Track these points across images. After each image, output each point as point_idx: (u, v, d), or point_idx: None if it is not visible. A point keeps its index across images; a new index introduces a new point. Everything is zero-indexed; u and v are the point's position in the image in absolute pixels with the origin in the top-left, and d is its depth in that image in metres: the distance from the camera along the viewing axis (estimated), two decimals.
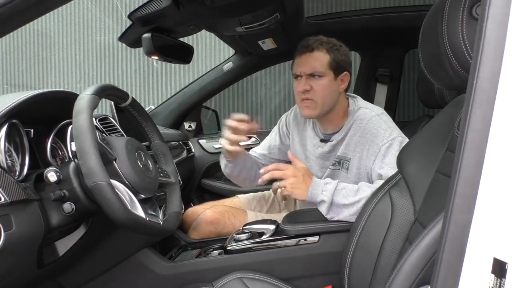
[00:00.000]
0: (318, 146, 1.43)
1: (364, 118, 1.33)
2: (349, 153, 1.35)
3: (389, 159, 1.23)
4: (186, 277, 1.26)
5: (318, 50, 1.32)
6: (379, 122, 1.30)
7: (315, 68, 1.31)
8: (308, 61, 1.32)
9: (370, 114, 1.33)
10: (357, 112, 1.36)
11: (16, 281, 0.89)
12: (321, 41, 1.34)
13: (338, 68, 1.34)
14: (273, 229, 1.26)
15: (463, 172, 0.49)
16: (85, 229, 1.06)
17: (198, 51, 3.00)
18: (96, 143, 0.85)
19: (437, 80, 0.78)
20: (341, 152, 1.37)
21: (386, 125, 1.30)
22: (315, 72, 1.31)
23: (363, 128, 1.32)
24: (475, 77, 0.48)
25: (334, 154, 1.39)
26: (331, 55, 1.33)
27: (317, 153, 1.42)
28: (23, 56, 3.38)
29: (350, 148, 1.34)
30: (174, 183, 1.16)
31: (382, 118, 1.32)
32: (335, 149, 1.38)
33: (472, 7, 0.61)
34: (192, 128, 2.38)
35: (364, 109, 1.36)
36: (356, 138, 1.33)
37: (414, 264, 0.67)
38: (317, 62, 1.31)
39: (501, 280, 0.46)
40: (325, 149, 1.40)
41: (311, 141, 1.46)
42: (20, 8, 0.77)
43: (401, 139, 1.27)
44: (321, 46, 1.32)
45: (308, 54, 1.32)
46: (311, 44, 1.33)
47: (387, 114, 1.37)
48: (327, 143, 1.40)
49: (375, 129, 1.29)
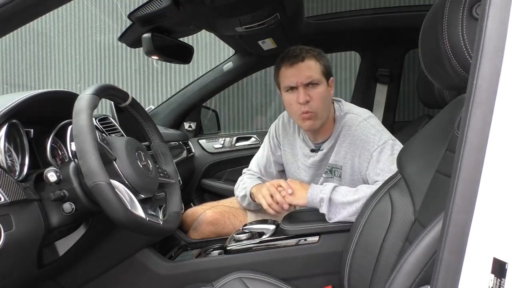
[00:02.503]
0: (309, 156, 1.41)
1: (352, 124, 1.31)
2: (340, 160, 1.34)
3: (383, 165, 1.23)
4: (186, 277, 1.26)
5: (309, 59, 1.28)
6: (367, 127, 1.29)
7: (311, 77, 1.28)
8: (302, 70, 1.27)
9: (358, 120, 1.32)
10: (344, 118, 1.34)
11: (16, 281, 0.89)
12: (306, 50, 1.30)
13: (328, 74, 1.33)
14: (273, 229, 1.26)
15: (463, 172, 0.49)
16: (85, 229, 1.06)
17: (198, 51, 3.00)
18: (96, 143, 0.85)
19: (437, 80, 0.78)
20: (332, 160, 1.36)
21: (374, 130, 1.29)
22: (313, 81, 1.28)
23: (352, 135, 1.31)
24: (475, 77, 0.48)
25: (326, 162, 1.38)
26: (321, 62, 1.31)
27: (309, 163, 1.41)
28: (23, 56, 3.38)
29: (341, 156, 1.33)
30: (174, 183, 1.16)
31: (369, 122, 1.31)
32: (326, 157, 1.37)
33: (472, 7, 0.61)
34: (192, 128, 2.38)
35: (351, 114, 1.35)
36: (345, 146, 1.32)
37: (414, 264, 0.67)
38: (311, 70, 1.28)
39: (501, 280, 0.46)
40: (316, 158, 1.39)
41: (301, 151, 1.45)
42: (20, 8, 0.77)
43: (392, 142, 1.26)
44: (309, 54, 1.29)
45: (300, 64, 1.28)
46: (299, 53, 1.28)
47: (375, 117, 1.36)
48: (318, 152, 1.39)
49: (364, 134, 1.28)
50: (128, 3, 3.14)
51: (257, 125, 3.11)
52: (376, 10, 2.32)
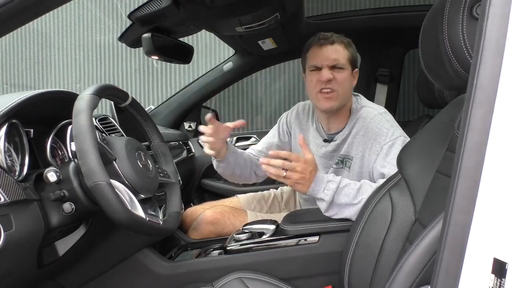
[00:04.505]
0: (322, 146, 1.42)
1: (367, 117, 1.33)
2: (352, 151, 1.35)
3: (391, 158, 1.23)
4: (186, 277, 1.26)
5: (338, 44, 1.32)
6: (381, 121, 1.30)
7: (337, 60, 1.31)
8: (329, 52, 1.31)
9: (373, 113, 1.33)
10: (360, 110, 1.36)
11: (16, 281, 0.89)
12: (337, 36, 1.34)
13: (354, 63, 1.36)
14: (273, 229, 1.26)
15: (463, 172, 0.49)
16: (85, 229, 1.06)
17: (198, 51, 2.99)
18: (96, 143, 0.85)
19: (437, 80, 0.78)
20: (344, 151, 1.37)
21: (388, 124, 1.30)
22: (338, 64, 1.31)
23: (366, 127, 1.32)
24: (475, 77, 0.48)
25: (338, 153, 1.38)
26: (349, 50, 1.34)
27: (321, 153, 1.42)
28: (23, 56, 3.37)
29: (353, 147, 1.34)
30: (174, 183, 1.16)
31: (385, 117, 1.32)
32: (339, 148, 1.38)
33: (472, 7, 0.61)
34: (192, 128, 2.38)
35: (367, 107, 1.36)
36: (359, 137, 1.33)
37: (414, 264, 0.67)
38: (339, 54, 1.32)
39: (501, 280, 0.46)
40: (329, 148, 1.39)
41: (314, 141, 1.46)
42: (20, 8, 0.77)
43: (403, 139, 1.26)
44: (339, 40, 1.33)
45: (329, 47, 1.32)
46: (330, 36, 1.33)
47: (390, 114, 1.37)
48: (331, 142, 1.39)
49: (377, 128, 1.29)
50: (128, 3, 3.14)
51: (257, 125, 3.10)
52: (376, 10, 2.32)
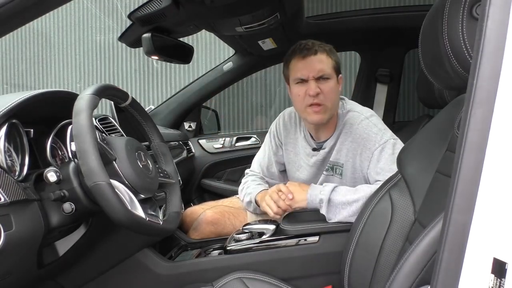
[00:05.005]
0: (312, 155, 1.41)
1: (354, 123, 1.31)
2: (341, 158, 1.34)
3: (384, 164, 1.23)
4: (186, 277, 1.26)
5: (321, 53, 1.29)
6: (369, 126, 1.29)
7: (323, 70, 1.28)
8: (313, 63, 1.27)
9: (360, 118, 1.32)
10: (346, 115, 1.34)
11: (16, 281, 0.89)
12: (318, 44, 1.31)
13: (338, 70, 1.34)
14: (273, 229, 1.26)
15: (463, 172, 0.49)
16: (85, 229, 1.06)
17: (198, 51, 3.00)
18: (96, 143, 0.85)
19: (437, 80, 0.78)
20: (333, 158, 1.36)
21: (376, 128, 1.29)
22: (324, 75, 1.28)
23: (353, 133, 1.30)
24: (475, 77, 0.48)
25: (328, 160, 1.38)
26: (332, 57, 1.31)
27: (311, 162, 1.41)
28: (23, 56, 3.37)
29: (342, 154, 1.33)
30: (174, 183, 1.16)
31: (372, 121, 1.31)
32: (328, 156, 1.37)
33: (472, 7, 0.61)
34: (192, 128, 2.38)
35: (353, 112, 1.34)
36: (347, 144, 1.32)
37: (414, 264, 0.67)
38: (323, 64, 1.28)
39: (501, 280, 0.46)
40: (319, 157, 1.38)
41: (303, 150, 1.44)
42: (20, 8, 0.77)
43: (393, 141, 1.26)
44: (321, 49, 1.29)
45: (313, 57, 1.28)
46: (312, 46, 1.29)
47: (377, 116, 1.36)
48: (320, 151, 1.38)
49: (365, 133, 1.28)
50: (128, 3, 3.14)
51: (257, 125, 3.10)
52: (376, 10, 2.32)
